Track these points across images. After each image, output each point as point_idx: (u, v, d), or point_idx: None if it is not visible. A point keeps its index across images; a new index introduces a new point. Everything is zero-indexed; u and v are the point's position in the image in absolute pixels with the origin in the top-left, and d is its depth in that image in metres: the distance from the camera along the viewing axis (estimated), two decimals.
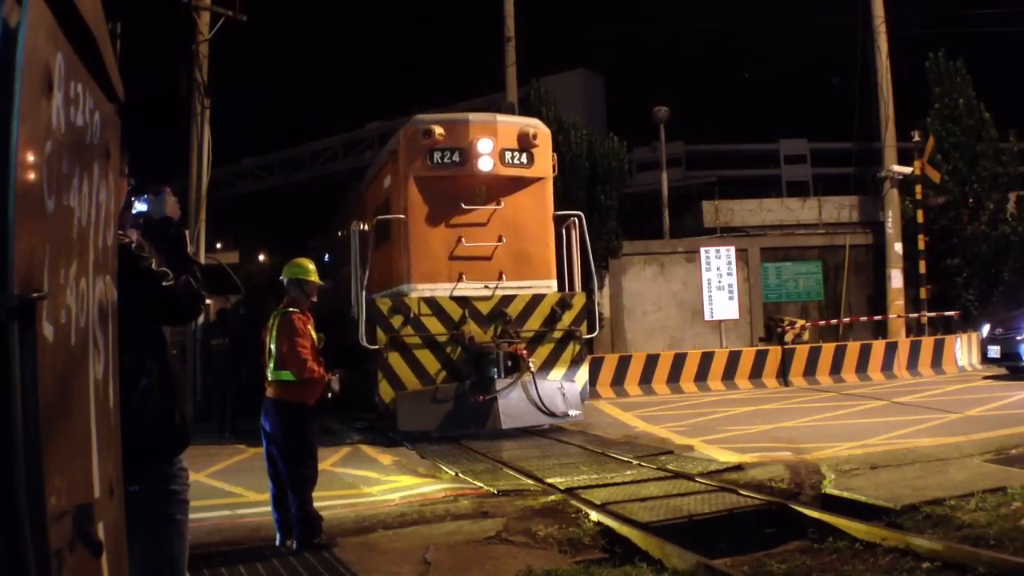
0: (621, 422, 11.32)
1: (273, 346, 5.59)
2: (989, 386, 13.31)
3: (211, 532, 5.66)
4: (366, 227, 11.32)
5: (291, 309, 5.67)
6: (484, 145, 10.52)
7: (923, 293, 19.56)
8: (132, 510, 2.17)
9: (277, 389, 5.57)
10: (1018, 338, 13.90)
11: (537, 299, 10.66)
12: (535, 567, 4.76)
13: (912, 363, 16.23)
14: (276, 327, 5.62)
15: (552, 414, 10.19)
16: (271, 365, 5.60)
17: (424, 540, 5.40)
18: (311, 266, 5.96)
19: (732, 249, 17.39)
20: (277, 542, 5.43)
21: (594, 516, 5.81)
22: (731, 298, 16.88)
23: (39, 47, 1.32)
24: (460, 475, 7.68)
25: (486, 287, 10.53)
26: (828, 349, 16.23)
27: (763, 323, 20.93)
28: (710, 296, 16.87)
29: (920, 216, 19.74)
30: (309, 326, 5.68)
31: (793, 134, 54.15)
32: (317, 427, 5.70)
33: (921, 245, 19.57)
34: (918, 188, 19.67)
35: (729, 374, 15.42)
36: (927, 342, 16.78)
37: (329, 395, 5.67)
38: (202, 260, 11.16)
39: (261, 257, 34.54)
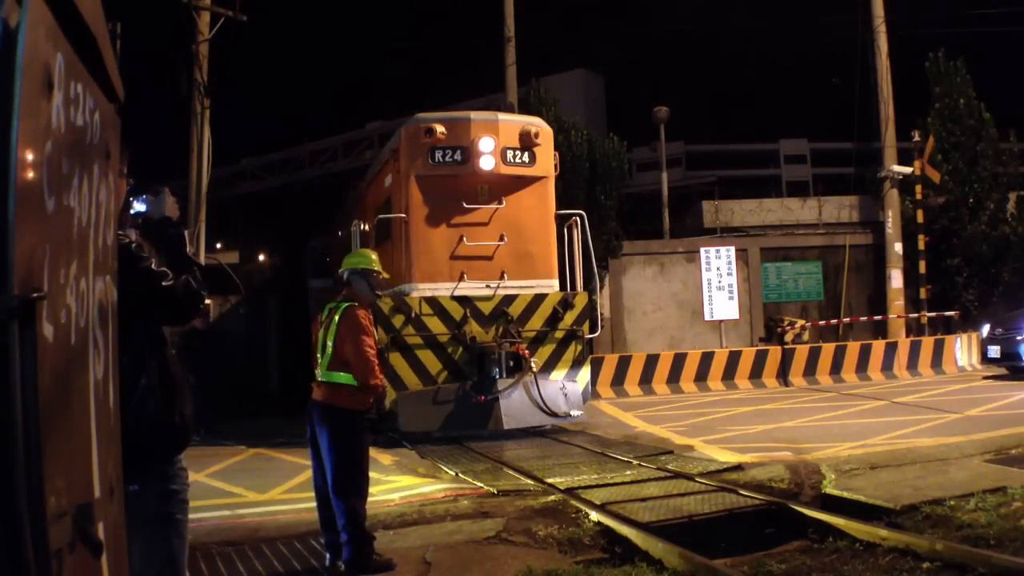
0: (621, 422, 11.31)
1: (330, 343, 4.97)
2: (989, 386, 13.30)
3: (211, 532, 5.66)
4: (367, 226, 11.30)
5: (350, 303, 5.06)
6: (486, 144, 10.50)
7: (923, 293, 19.55)
8: (132, 509, 2.18)
9: (330, 392, 4.94)
10: (1018, 338, 13.89)
11: (539, 299, 10.65)
12: (535, 567, 4.76)
13: (912, 363, 16.23)
14: (337, 322, 4.99)
15: (554, 414, 10.17)
16: (323, 364, 4.97)
17: (424, 540, 5.40)
18: (375, 256, 5.44)
19: (732, 249, 17.38)
20: (327, 562, 4.93)
21: (594, 516, 5.81)
22: (731, 298, 16.88)
23: (39, 47, 1.32)
24: (460, 475, 7.67)
25: (488, 287, 10.52)
26: (828, 349, 16.22)
27: (763, 323, 20.92)
28: (710, 296, 16.87)
29: (920, 216, 19.73)
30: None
31: (793, 134, 54.07)
32: (368, 437, 5.10)
33: (921, 245, 19.56)
34: (918, 188, 19.65)
35: (729, 374, 15.42)
36: (927, 342, 16.77)
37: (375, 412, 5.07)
38: (202, 260, 11.16)
39: (261, 257, 34.49)
